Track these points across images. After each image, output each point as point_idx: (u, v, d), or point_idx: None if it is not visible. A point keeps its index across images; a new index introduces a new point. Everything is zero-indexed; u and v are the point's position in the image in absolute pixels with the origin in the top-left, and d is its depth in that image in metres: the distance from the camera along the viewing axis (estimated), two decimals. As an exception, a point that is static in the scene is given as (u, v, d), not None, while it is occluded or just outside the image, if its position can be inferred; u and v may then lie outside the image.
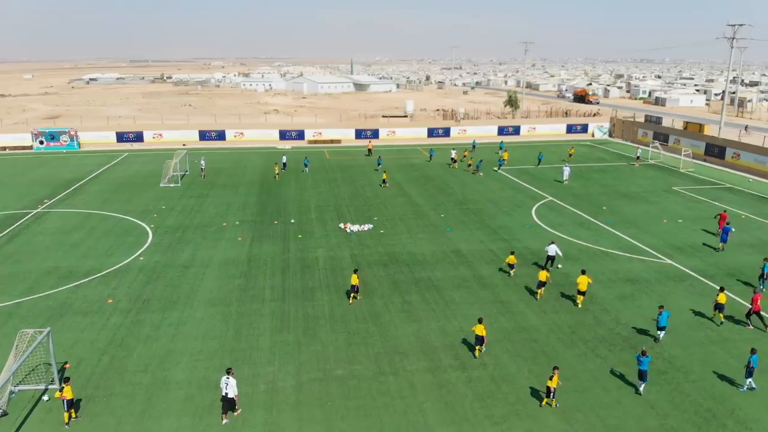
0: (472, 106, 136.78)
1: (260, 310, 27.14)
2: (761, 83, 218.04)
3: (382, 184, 53.14)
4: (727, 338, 25.28)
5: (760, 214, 44.21)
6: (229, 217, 42.32)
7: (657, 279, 31.76)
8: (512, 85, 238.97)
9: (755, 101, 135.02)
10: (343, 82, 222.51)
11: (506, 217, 43.26)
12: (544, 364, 22.90)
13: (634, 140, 77.58)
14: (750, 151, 59.97)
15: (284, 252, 35.03)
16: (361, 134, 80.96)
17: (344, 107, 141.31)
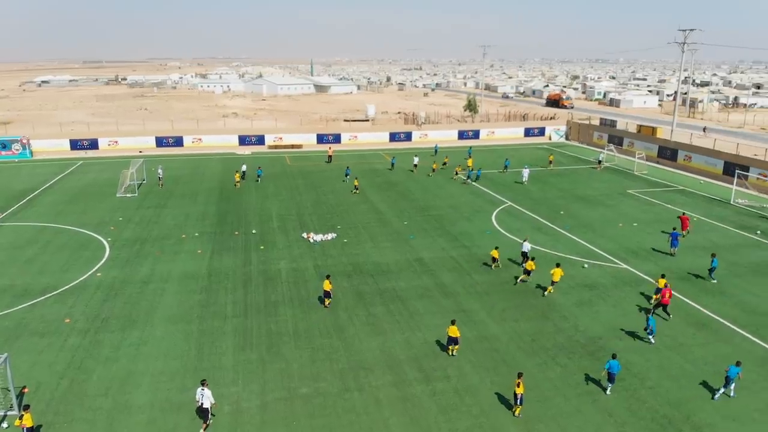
0: (432, 108, 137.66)
1: (222, 328, 26.83)
2: (712, 83, 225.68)
3: (353, 190, 53.14)
4: (682, 343, 26.11)
5: (711, 216, 45.77)
6: (188, 229, 41.67)
7: (613, 284, 32.58)
8: (471, 86, 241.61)
9: (706, 102, 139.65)
10: (303, 83, 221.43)
11: (467, 223, 43.76)
12: (506, 374, 23.29)
13: (589, 143, 79.42)
14: (701, 153, 62.05)
15: (246, 264, 34.68)
16: (323, 139, 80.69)
17: (304, 109, 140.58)
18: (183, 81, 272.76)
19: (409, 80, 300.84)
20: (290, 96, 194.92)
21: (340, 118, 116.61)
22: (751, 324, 27.77)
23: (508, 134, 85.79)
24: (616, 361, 22.09)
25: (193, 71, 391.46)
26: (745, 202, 49.80)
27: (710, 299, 30.55)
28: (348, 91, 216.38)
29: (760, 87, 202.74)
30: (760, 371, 23.74)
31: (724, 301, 30.45)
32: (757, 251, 37.82)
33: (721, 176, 58.06)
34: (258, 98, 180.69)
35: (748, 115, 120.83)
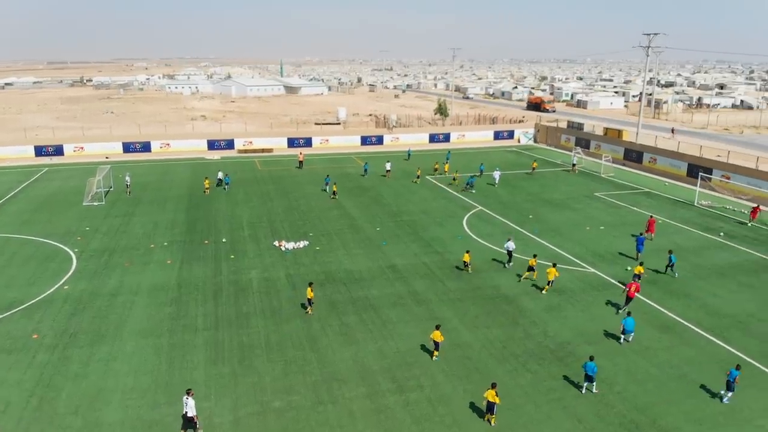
0: (403, 110, 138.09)
1: (193, 341, 26.59)
2: (676, 84, 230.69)
3: (332, 196, 53.11)
4: (648, 347, 26.72)
5: (676, 218, 46.88)
6: (157, 238, 41.15)
7: (581, 288, 33.16)
8: (441, 88, 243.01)
9: (670, 102, 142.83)
10: (273, 84, 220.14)
11: (439, 228, 44.06)
12: (478, 382, 23.57)
13: (557, 146, 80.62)
14: (665, 155, 63.47)
15: (216, 275, 34.38)
16: (294, 143, 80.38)
17: (274, 111, 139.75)
18: (150, 82, 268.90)
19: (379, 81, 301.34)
20: (260, 97, 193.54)
21: (311, 121, 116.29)
22: (714, 327, 28.55)
23: (478, 137, 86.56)
24: (593, 363, 22.80)
25: (160, 72, 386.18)
26: (708, 204, 51.11)
27: (675, 302, 31.31)
28: (318, 92, 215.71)
29: (723, 87, 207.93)
30: (724, 374, 24.40)
31: (689, 303, 31.23)
32: (721, 253, 38.85)
33: (685, 178, 59.49)
34: (227, 100, 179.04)
35: (711, 116, 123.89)
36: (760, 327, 28.49)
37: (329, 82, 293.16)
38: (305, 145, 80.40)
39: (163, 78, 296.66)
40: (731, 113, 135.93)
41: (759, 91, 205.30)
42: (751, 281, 34.15)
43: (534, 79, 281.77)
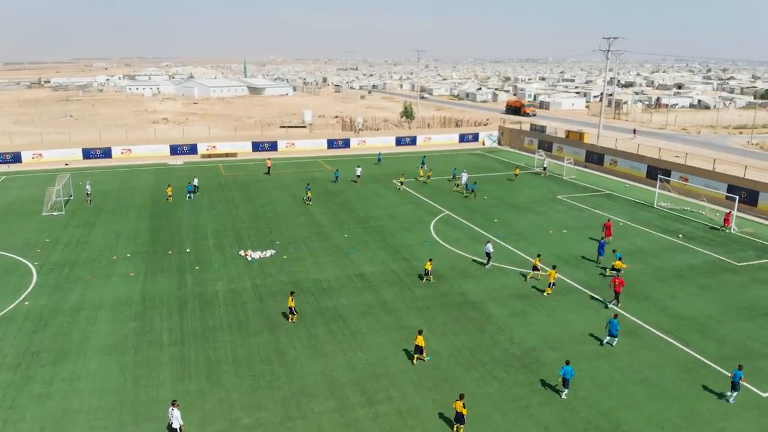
0: (370, 112, 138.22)
1: (159, 357, 26.18)
2: (635, 83, 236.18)
3: (306, 201, 52.89)
4: (611, 351, 27.32)
5: (636, 221, 48.00)
6: (120, 249, 40.35)
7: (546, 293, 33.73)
8: (407, 88, 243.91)
9: (630, 103, 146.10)
10: (236, 85, 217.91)
11: (407, 233, 44.25)
12: (447, 392, 23.76)
13: (521, 148, 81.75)
14: (625, 157, 64.94)
15: (181, 287, 33.87)
16: (259, 147, 79.71)
17: (238, 113, 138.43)
18: (110, 83, 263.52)
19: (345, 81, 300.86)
20: (223, 98, 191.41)
21: (276, 123, 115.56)
22: (674, 329, 29.33)
23: (443, 140, 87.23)
24: (570, 367, 23.44)
25: (120, 72, 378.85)
26: (667, 206, 52.48)
27: (635, 305, 32.03)
28: (283, 92, 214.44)
29: (681, 87, 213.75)
30: (684, 377, 25.11)
31: (649, 306, 32.02)
32: (679, 255, 39.93)
33: (644, 179, 60.96)
34: (189, 101, 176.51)
35: (669, 116, 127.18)
36: (718, 329, 29.37)
37: (294, 82, 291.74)
38: (270, 149, 79.84)
39: (123, 79, 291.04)
40: (689, 113, 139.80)
41: (716, 90, 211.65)
42: (709, 283, 35.19)
43: (498, 80, 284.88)
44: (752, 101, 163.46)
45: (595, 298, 32.89)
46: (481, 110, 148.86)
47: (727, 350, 27.29)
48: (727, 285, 34.89)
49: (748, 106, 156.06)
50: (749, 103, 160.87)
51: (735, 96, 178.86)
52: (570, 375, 23.44)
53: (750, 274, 36.58)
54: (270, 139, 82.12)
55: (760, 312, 31.28)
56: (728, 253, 40.28)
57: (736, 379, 23.21)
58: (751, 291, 34.01)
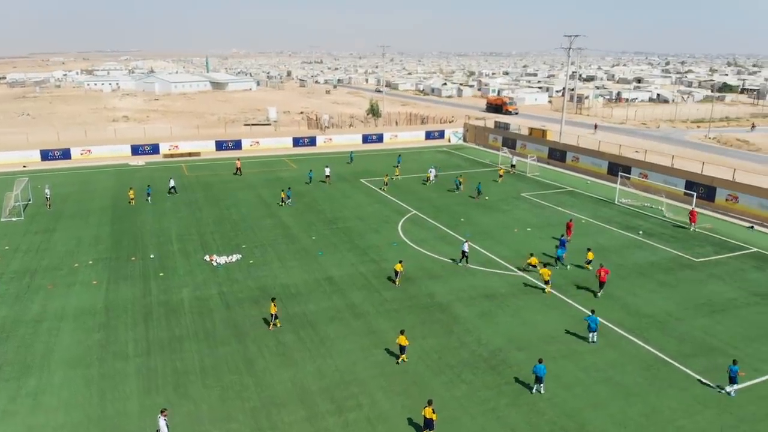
0: (336, 108, 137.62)
1: (124, 369, 25.76)
2: (596, 77, 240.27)
3: (280, 202, 52.49)
4: (574, 350, 27.90)
5: (598, 218, 48.98)
6: (81, 256, 39.45)
7: (511, 293, 34.17)
8: (373, 83, 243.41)
9: (592, 98, 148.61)
10: (198, 80, 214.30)
11: (375, 234, 44.29)
12: (416, 396, 23.97)
13: (485, 145, 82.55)
14: (587, 154, 66.14)
15: (145, 295, 33.32)
16: (222, 145, 78.72)
17: (201, 110, 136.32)
18: (68, 78, 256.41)
19: (310, 75, 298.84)
20: (185, 94, 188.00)
21: (240, 119, 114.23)
22: (636, 327, 30.08)
23: (410, 137, 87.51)
24: (542, 365, 24.14)
25: (78, 67, 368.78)
26: (628, 202, 53.66)
27: (598, 303, 32.65)
28: (247, 87, 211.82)
29: (640, 81, 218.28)
30: (646, 375, 25.82)
31: (611, 304, 32.75)
32: (640, 252, 40.91)
33: (606, 176, 62.22)
34: (150, 97, 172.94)
35: (630, 110, 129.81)
36: (678, 326, 30.24)
37: (257, 76, 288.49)
38: (235, 148, 78.96)
39: (81, 74, 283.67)
40: (648, 107, 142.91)
41: (674, 84, 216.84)
42: (668, 279, 36.17)
43: (462, 74, 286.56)
44: (709, 95, 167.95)
45: (560, 296, 33.49)
46: (446, 106, 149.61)
47: (686, 347, 28.12)
48: (686, 281, 35.91)
49: (706, 99, 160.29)
50: (707, 96, 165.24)
51: (693, 90, 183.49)
52: (542, 372, 24.12)
53: (708, 270, 37.70)
54: (234, 137, 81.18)
55: (717, 308, 32.29)
56: (687, 249, 41.43)
57: (732, 374, 24.18)
58: (709, 287, 35.08)
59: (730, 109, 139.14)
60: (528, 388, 24.67)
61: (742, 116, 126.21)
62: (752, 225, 47.23)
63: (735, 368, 24.23)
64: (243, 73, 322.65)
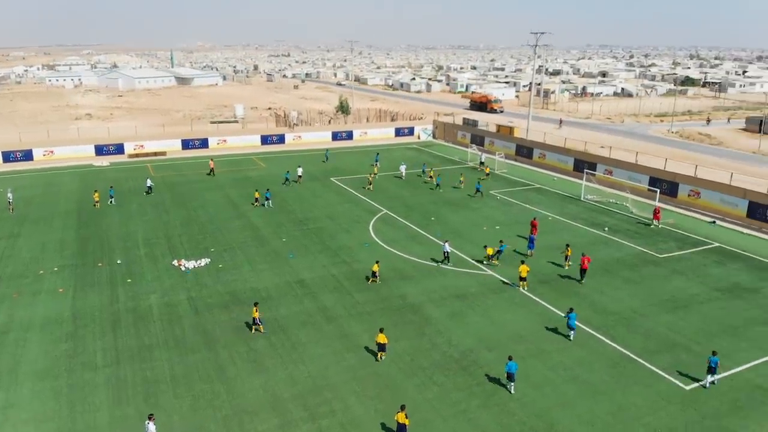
0: (304, 103, 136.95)
1: (94, 380, 25.38)
2: (562, 72, 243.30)
3: (254, 202, 52.06)
4: (543, 350, 28.40)
5: (565, 215, 49.78)
6: (46, 262, 38.62)
7: (481, 292, 34.57)
8: (341, 77, 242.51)
9: (558, 92, 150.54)
10: (163, 76, 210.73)
11: (346, 235, 44.28)
12: (389, 400, 24.16)
13: (455, 142, 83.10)
14: (553, 151, 67.10)
15: (113, 302, 32.79)
16: (189, 144, 77.67)
17: (166, 106, 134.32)
18: (29, 74, 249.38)
19: (277, 69, 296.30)
20: (150, 90, 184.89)
21: (206, 116, 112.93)
22: (602, 325, 30.74)
23: (379, 134, 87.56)
24: (514, 362, 24.75)
25: (39, 62, 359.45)
26: (594, 198, 54.64)
27: (566, 301, 33.23)
28: (213, 82, 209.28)
29: (605, 75, 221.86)
30: (612, 373, 26.44)
31: (578, 302, 33.36)
32: (606, 249, 41.73)
33: (572, 172, 63.23)
34: (114, 93, 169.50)
35: (595, 105, 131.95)
36: (643, 323, 31.00)
37: (224, 70, 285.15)
38: (201, 147, 78.00)
39: (42, 69, 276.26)
40: (613, 101, 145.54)
41: (638, 78, 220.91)
42: (633, 276, 37.01)
43: (431, 68, 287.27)
44: (672, 88, 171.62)
45: (528, 294, 34.00)
46: (415, 101, 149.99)
47: (651, 344, 28.88)
48: (650, 278, 36.80)
49: (669, 93, 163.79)
50: (669, 90, 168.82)
51: (656, 83, 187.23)
52: (514, 369, 24.66)
53: (671, 266, 38.69)
54: (200, 136, 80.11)
55: (680, 304, 33.20)
56: (651, 245, 42.43)
57: (713, 364, 25.06)
58: (673, 283, 36.02)
59: (692, 102, 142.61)
60: (502, 385, 25.18)
61: (704, 110, 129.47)
62: (714, 220, 48.58)
63: (715, 359, 25.13)
64: (209, 67, 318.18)
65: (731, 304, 33.13)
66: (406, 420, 21.36)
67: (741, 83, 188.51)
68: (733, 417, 23.33)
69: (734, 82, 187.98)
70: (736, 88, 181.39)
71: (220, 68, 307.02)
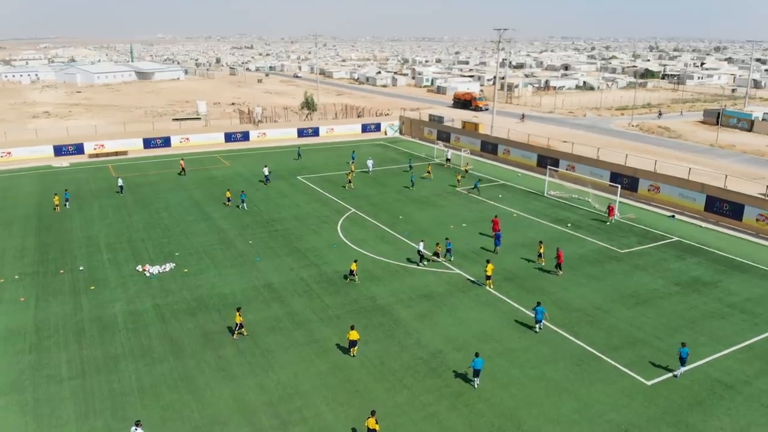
0: (268, 98, 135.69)
1: (60, 393, 24.90)
2: (526, 65, 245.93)
3: (226, 202, 51.70)
4: (509, 348, 28.89)
5: (529, 211, 50.53)
6: (6, 269, 37.60)
7: (448, 291, 34.93)
8: (306, 71, 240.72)
9: (521, 86, 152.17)
10: (123, 70, 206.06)
11: (314, 236, 44.13)
12: (359, 406, 24.30)
13: (421, 138, 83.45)
14: (517, 147, 67.94)
15: (77, 311, 32.13)
16: (151, 143, 76.24)
17: (127, 102, 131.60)
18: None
19: (240, 62, 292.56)
20: (109, 85, 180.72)
21: (168, 113, 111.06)
22: (567, 322, 31.39)
23: (346, 131, 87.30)
24: (480, 358, 25.33)
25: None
26: (557, 194, 55.57)
27: (531, 298, 33.67)
28: (174, 77, 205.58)
29: (567, 68, 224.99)
30: (576, 370, 27.08)
31: (543, 299, 33.81)
32: (569, 245, 42.47)
33: (536, 168, 64.15)
34: (72, 89, 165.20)
35: (558, 98, 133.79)
36: (606, 319, 31.77)
37: (185, 63, 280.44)
38: (164, 146, 76.67)
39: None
40: (575, 95, 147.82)
41: (599, 71, 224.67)
42: (596, 272, 37.85)
43: (396, 62, 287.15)
44: (632, 81, 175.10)
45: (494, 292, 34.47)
46: (382, 95, 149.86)
47: (614, 340, 29.64)
48: (612, 273, 37.69)
49: (629, 85, 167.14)
50: (630, 83, 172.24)
51: (617, 76, 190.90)
52: (479, 365, 25.20)
53: (632, 261, 39.68)
54: (162, 134, 78.61)
55: (641, 299, 34.11)
56: (612, 241, 43.42)
57: (684, 355, 26.01)
58: (634, 278, 36.96)
59: (652, 95, 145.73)
60: (469, 382, 25.65)
61: (663, 102, 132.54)
62: (673, 214, 49.95)
63: (686, 350, 26.08)
64: (170, 60, 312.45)
65: (690, 299, 34.19)
66: (376, 426, 21.55)
67: (699, 75, 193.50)
68: (693, 412, 24.15)
69: (692, 74, 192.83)
70: (694, 80, 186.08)
71: (182, 61, 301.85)
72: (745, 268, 38.67)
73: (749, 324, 31.24)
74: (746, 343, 29.32)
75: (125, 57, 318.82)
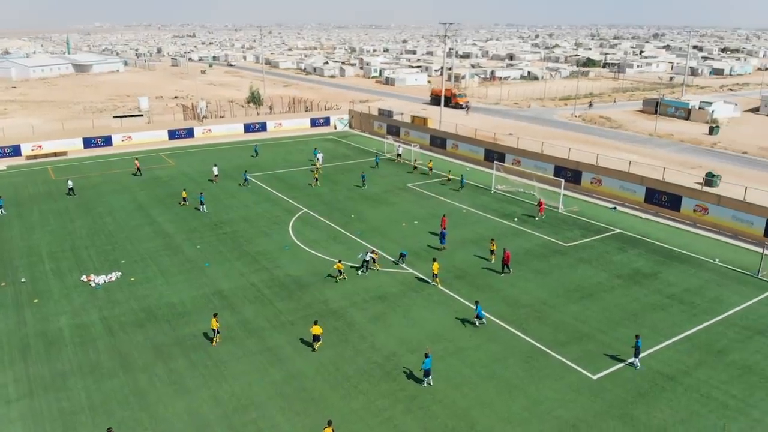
0: (213, 91, 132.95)
1: (7, 415, 24.06)
2: (472, 54, 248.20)
3: (181, 202, 51.06)
4: (460, 347, 29.48)
5: (477, 206, 51.37)
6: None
7: (401, 291, 35.27)
8: (251, 60, 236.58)
9: (468, 77, 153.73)
10: (60, 63, 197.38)
11: (264, 238, 43.67)
12: (315, 414, 24.42)
13: (371, 132, 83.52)
14: (465, 141, 68.83)
15: (20, 326, 31.03)
16: (91, 143, 73.72)
17: (64, 98, 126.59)
18: None
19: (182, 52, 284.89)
20: (45, 79, 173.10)
21: (108, 108, 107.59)
22: (516, 319, 32.19)
23: (294, 125, 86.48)
24: (428, 359, 25.96)
25: None
26: (504, 188, 56.64)
27: (480, 295, 34.20)
28: (114, 69, 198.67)
29: (512, 57, 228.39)
30: (525, 367, 27.88)
31: (492, 296, 34.71)
32: (516, 240, 43.47)
33: (483, 162, 65.18)
34: (6, 85, 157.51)
35: (503, 89, 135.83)
36: (552, 314, 32.76)
37: (125, 54, 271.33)
38: (105, 145, 74.19)
39: None
40: (520, 85, 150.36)
41: (543, 60, 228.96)
42: (542, 267, 38.89)
43: (344, 51, 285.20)
44: (575, 70, 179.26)
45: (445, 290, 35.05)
46: (330, 87, 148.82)
47: (560, 335, 30.62)
48: (557, 267, 38.81)
49: (572, 75, 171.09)
50: (572, 72, 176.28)
51: (560, 65, 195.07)
52: (428, 365, 25.91)
53: (577, 254, 40.95)
54: (103, 132, 76.05)
55: (586, 293, 35.30)
56: (557, 234, 44.65)
57: (638, 345, 27.32)
58: (579, 272, 38.18)
59: (594, 84, 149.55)
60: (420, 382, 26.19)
61: (604, 91, 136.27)
62: (615, 206, 51.70)
63: (639, 342, 27.43)
64: (108, 50, 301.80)
65: (632, 291, 35.57)
66: (333, 435, 21.78)
67: (638, 64, 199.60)
68: (637, 404, 25.27)
69: (632, 63, 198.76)
70: (633, 68, 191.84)
71: (121, 52, 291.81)
72: (684, 259, 40.44)
73: (688, 315, 32.77)
74: (685, 334, 30.77)
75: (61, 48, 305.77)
